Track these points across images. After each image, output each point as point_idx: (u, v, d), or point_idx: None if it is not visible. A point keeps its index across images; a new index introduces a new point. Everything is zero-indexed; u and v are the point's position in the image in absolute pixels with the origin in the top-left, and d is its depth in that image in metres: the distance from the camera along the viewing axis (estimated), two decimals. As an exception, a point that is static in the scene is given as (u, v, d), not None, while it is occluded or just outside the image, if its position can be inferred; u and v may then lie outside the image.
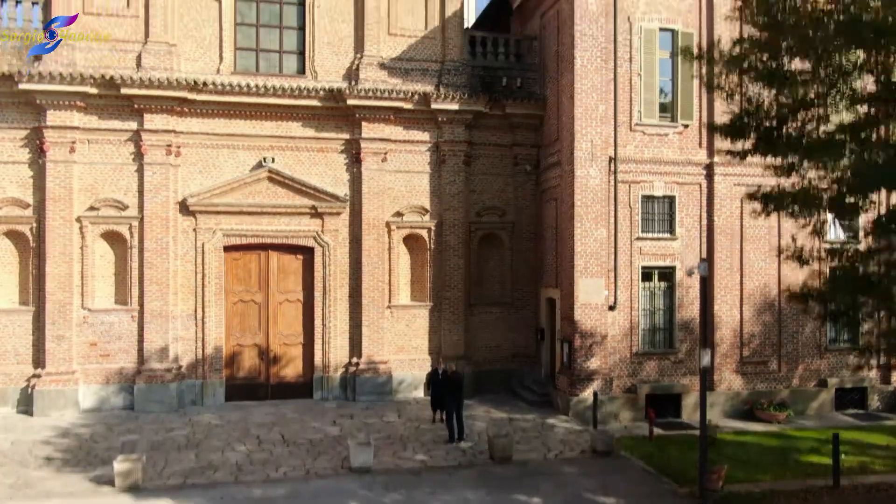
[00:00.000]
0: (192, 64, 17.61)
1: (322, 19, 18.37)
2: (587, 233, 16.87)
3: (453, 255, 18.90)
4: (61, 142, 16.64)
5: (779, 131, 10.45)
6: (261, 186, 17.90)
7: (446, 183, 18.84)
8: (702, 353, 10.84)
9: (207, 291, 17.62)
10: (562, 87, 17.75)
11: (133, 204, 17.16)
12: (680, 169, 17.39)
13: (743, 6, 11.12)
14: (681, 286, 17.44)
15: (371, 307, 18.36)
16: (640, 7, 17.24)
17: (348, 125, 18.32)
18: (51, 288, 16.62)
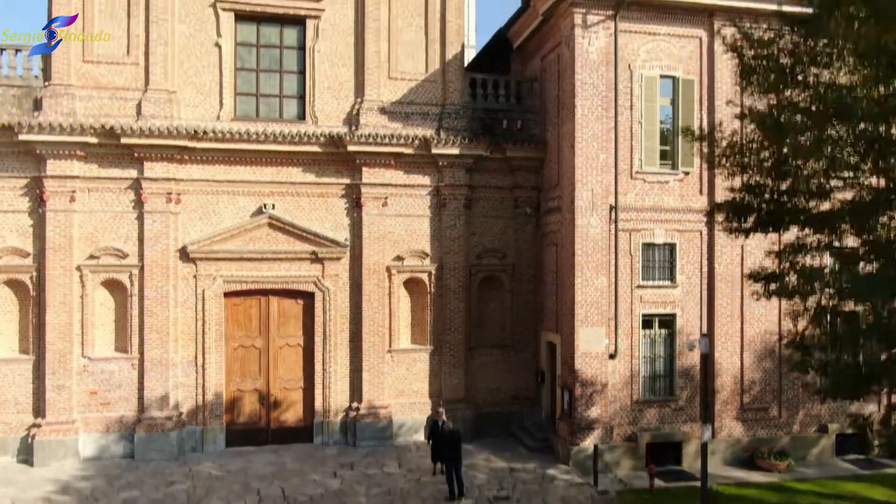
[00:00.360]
0: (193, 110, 17.60)
1: (322, 64, 18.36)
2: (588, 282, 16.86)
3: (454, 299, 18.89)
4: (61, 191, 16.63)
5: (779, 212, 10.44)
6: (261, 233, 17.89)
7: (447, 227, 18.83)
8: (703, 429, 10.83)
9: (208, 338, 17.61)
10: (562, 133, 17.73)
11: (133, 252, 17.15)
12: (681, 216, 17.38)
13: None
14: (681, 333, 17.42)
15: (371, 352, 18.36)
16: (641, 55, 17.22)
17: (349, 170, 18.31)
18: (51, 337, 16.61)
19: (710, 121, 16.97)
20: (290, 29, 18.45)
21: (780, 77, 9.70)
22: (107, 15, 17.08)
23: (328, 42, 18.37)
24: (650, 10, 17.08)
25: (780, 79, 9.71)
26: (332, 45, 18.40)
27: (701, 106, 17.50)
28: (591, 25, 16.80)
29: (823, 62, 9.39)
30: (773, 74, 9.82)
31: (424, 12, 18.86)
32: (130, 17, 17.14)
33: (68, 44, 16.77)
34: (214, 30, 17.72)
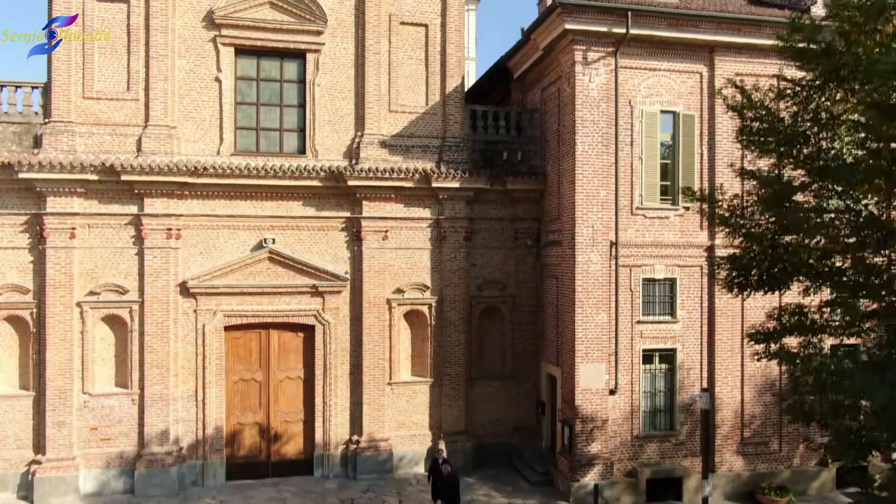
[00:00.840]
0: (193, 145, 17.59)
1: (323, 97, 18.35)
2: (588, 318, 16.87)
3: (454, 331, 18.89)
4: (61, 228, 16.61)
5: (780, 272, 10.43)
6: (261, 267, 17.88)
7: (447, 259, 18.83)
8: (703, 484, 10.83)
9: (208, 372, 17.60)
10: (563, 168, 17.74)
11: (133, 287, 17.13)
12: (681, 252, 17.38)
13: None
14: (682, 368, 17.44)
15: (372, 385, 18.36)
16: (642, 90, 17.23)
17: (349, 203, 18.31)
18: (51, 374, 16.59)
19: (710, 179, 17.05)
20: (290, 63, 18.44)
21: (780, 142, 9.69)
22: (107, 51, 17.05)
23: (328, 76, 18.37)
24: (650, 46, 17.09)
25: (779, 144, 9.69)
26: (333, 78, 18.40)
27: (701, 141, 17.50)
28: (592, 62, 16.80)
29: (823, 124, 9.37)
30: (772, 139, 9.81)
31: (425, 45, 18.86)
32: (130, 54, 17.12)
33: (68, 80, 16.76)
34: (214, 64, 17.70)
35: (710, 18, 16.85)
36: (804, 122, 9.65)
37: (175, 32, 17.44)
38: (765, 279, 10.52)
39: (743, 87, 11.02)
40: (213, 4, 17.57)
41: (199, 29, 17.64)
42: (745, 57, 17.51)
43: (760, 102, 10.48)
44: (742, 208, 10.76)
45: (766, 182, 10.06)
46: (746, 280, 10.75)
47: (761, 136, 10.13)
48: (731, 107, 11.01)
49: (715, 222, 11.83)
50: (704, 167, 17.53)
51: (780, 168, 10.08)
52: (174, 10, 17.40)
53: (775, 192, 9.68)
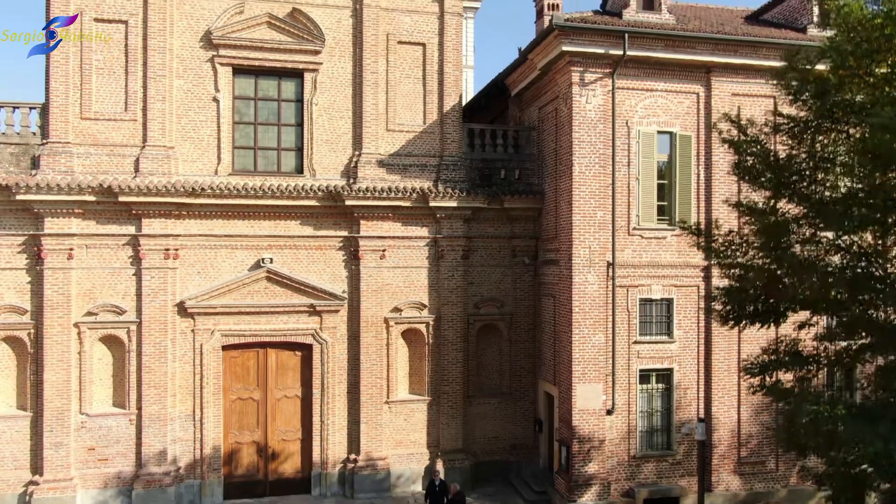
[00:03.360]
0: (190, 165, 17.61)
1: (321, 117, 18.38)
2: (585, 339, 16.90)
3: (452, 349, 18.92)
4: (59, 249, 16.61)
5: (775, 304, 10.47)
6: (259, 286, 17.90)
7: (444, 277, 18.85)
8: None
9: (206, 391, 17.61)
10: (560, 188, 17.78)
11: (131, 308, 17.14)
12: (678, 272, 17.42)
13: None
14: (678, 388, 17.48)
15: (369, 403, 18.38)
16: (639, 111, 17.27)
17: (346, 222, 18.33)
18: (49, 395, 16.60)
19: (707, 199, 17.16)
20: (288, 82, 18.47)
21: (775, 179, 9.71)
22: (105, 71, 17.07)
23: (326, 95, 18.40)
24: (647, 67, 17.14)
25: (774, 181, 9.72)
26: (331, 97, 18.43)
27: (698, 161, 17.55)
28: (589, 83, 16.84)
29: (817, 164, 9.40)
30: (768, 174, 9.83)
31: (422, 64, 18.89)
32: (128, 74, 17.14)
33: (66, 101, 16.78)
34: (212, 84, 17.73)
35: (707, 40, 16.90)
36: (799, 161, 9.68)
37: (173, 52, 17.47)
38: (760, 312, 10.56)
39: (739, 121, 11.05)
40: (211, 25, 17.60)
41: (196, 49, 17.67)
42: (742, 77, 17.57)
43: (756, 138, 10.51)
44: (737, 243, 10.79)
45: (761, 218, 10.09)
46: (741, 313, 10.79)
47: (756, 173, 10.16)
48: (727, 140, 11.05)
49: (711, 254, 11.79)
50: (701, 187, 17.57)
51: (775, 202, 10.11)
52: (172, 30, 17.43)
53: (770, 226, 9.71)
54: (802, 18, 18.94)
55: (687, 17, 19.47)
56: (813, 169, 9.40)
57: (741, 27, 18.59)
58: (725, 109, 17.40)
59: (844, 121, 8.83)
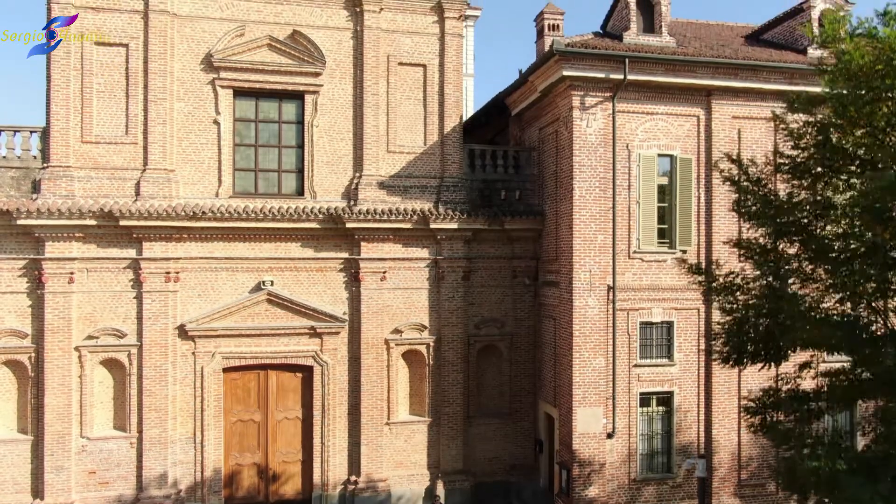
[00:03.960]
0: (191, 188, 17.62)
1: (321, 138, 18.39)
2: (586, 362, 16.91)
3: (452, 370, 18.93)
4: (60, 273, 16.62)
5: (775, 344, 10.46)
6: (259, 308, 17.91)
7: (445, 299, 18.86)
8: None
9: (206, 414, 17.62)
10: (560, 211, 17.78)
11: (132, 331, 17.15)
12: (678, 295, 17.42)
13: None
14: (679, 411, 17.50)
15: (370, 425, 18.39)
16: (639, 134, 17.28)
17: (347, 244, 18.34)
18: (49, 419, 16.61)
19: (707, 223, 17.19)
20: (288, 104, 18.48)
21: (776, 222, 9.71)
22: (105, 95, 17.08)
23: (327, 117, 18.41)
24: (648, 91, 17.15)
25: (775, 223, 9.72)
26: (331, 119, 18.44)
27: (699, 184, 17.56)
28: (590, 107, 16.86)
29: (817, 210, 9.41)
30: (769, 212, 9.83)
31: (423, 85, 18.91)
32: (129, 97, 17.16)
33: (67, 125, 16.79)
34: (213, 107, 17.74)
35: (708, 64, 16.91)
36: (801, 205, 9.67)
37: (173, 76, 17.48)
38: (760, 353, 10.55)
39: (740, 160, 11.06)
40: (212, 47, 17.61)
41: (197, 72, 17.68)
42: (742, 100, 17.58)
43: (757, 178, 10.51)
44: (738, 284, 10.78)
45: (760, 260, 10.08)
46: (741, 354, 10.80)
47: (756, 214, 10.16)
48: (727, 179, 11.06)
49: (711, 294, 11.80)
50: (702, 210, 17.58)
51: (775, 245, 10.11)
52: (172, 53, 17.44)
53: (770, 270, 9.71)
54: (802, 39, 18.94)
55: (687, 37, 19.49)
56: (815, 216, 9.40)
57: (741, 49, 18.61)
58: (726, 132, 17.56)
59: (845, 169, 8.84)
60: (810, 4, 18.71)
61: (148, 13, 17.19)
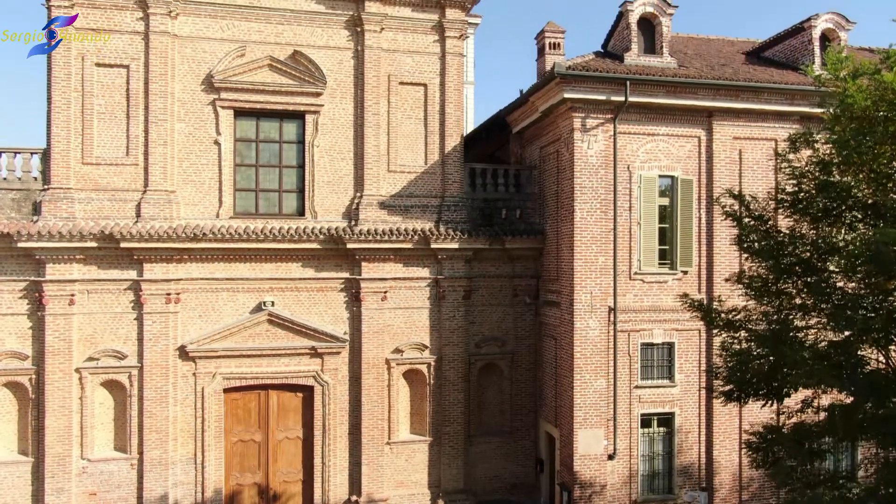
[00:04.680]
0: (192, 209, 17.60)
1: (322, 158, 18.38)
2: (587, 384, 16.91)
3: (453, 390, 18.92)
4: (60, 294, 16.60)
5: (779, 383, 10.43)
6: (260, 329, 17.89)
7: (446, 318, 18.85)
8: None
9: (207, 434, 17.60)
10: (561, 232, 17.78)
11: (132, 352, 17.13)
12: (679, 315, 17.33)
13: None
14: (680, 431, 17.50)
15: (371, 445, 18.38)
16: (640, 155, 17.28)
17: (348, 264, 18.33)
18: (50, 441, 16.59)
19: (708, 243, 17.23)
20: (289, 123, 18.47)
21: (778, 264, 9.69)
22: (106, 116, 17.07)
23: (328, 136, 18.40)
24: (649, 112, 17.15)
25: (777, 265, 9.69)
26: (332, 139, 18.43)
27: (700, 205, 17.56)
28: (591, 129, 16.85)
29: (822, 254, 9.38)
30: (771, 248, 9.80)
31: (424, 104, 18.90)
32: (130, 119, 17.14)
33: (68, 146, 16.78)
34: (213, 127, 17.73)
35: (708, 86, 16.90)
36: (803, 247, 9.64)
37: (174, 96, 17.47)
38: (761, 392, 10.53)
39: (742, 196, 11.04)
40: (213, 68, 17.59)
41: (198, 92, 17.66)
42: (744, 121, 17.58)
43: (760, 214, 10.49)
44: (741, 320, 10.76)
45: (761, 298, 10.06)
46: (743, 392, 10.78)
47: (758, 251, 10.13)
48: (729, 215, 11.04)
49: (712, 329, 11.77)
50: (703, 231, 17.58)
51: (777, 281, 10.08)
52: (173, 74, 17.42)
53: (772, 305, 9.68)
54: (804, 59, 18.93)
55: (688, 54, 19.51)
56: (817, 257, 9.38)
57: (742, 69, 18.61)
58: (727, 153, 17.56)
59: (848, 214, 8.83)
60: (811, 24, 18.71)
61: (149, 34, 17.17)
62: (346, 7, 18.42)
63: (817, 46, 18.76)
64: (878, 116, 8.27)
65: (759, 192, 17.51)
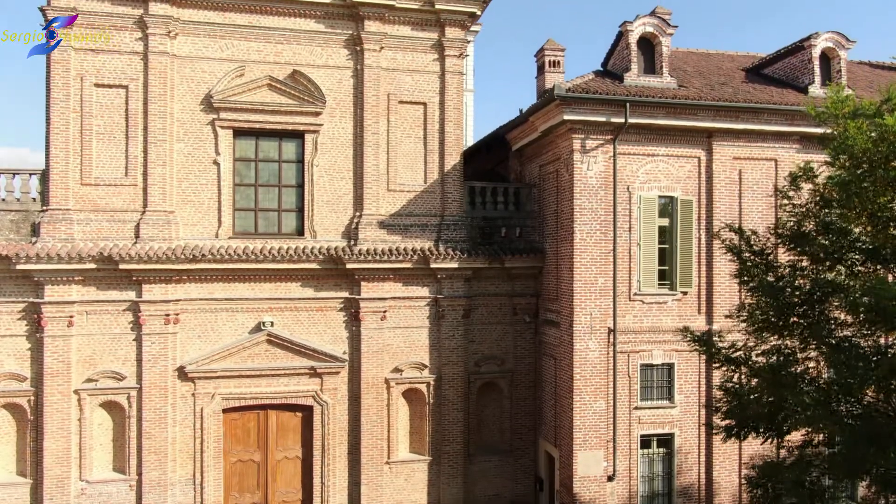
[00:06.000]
0: (191, 229, 17.57)
1: (321, 177, 18.35)
2: (586, 406, 16.89)
3: (452, 409, 18.89)
4: (59, 316, 16.56)
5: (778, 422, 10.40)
6: (259, 349, 17.86)
7: (445, 337, 18.82)
8: None
9: (206, 455, 17.57)
10: (561, 253, 17.75)
11: (131, 373, 17.10)
12: (679, 336, 17.34)
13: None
14: (679, 452, 17.48)
15: (370, 465, 18.35)
16: (640, 176, 17.26)
17: (347, 283, 18.30)
18: (48, 463, 16.55)
19: (708, 264, 17.26)
20: (288, 143, 18.44)
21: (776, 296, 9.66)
22: (105, 137, 17.04)
23: (327, 156, 18.38)
24: (649, 133, 17.13)
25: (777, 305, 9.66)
26: (331, 158, 18.41)
27: (699, 225, 17.53)
28: (590, 150, 16.83)
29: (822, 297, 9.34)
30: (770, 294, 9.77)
31: (423, 123, 18.88)
32: (129, 139, 17.11)
33: (66, 167, 16.75)
34: (212, 147, 17.70)
35: (708, 107, 16.88)
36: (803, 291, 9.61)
37: (173, 116, 17.44)
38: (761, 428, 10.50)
39: (742, 231, 11.01)
40: (212, 88, 17.56)
41: (197, 112, 17.64)
42: (744, 141, 17.57)
43: (761, 249, 10.46)
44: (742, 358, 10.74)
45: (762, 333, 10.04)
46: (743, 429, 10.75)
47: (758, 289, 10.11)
48: (730, 249, 11.02)
49: (712, 361, 11.75)
50: (702, 251, 17.56)
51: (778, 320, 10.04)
52: (172, 94, 17.40)
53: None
54: (804, 77, 18.93)
55: (688, 72, 19.50)
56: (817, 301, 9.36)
57: (742, 87, 18.59)
58: (727, 173, 17.55)
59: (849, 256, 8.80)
60: (811, 43, 18.70)
61: (147, 54, 17.15)
62: (345, 26, 18.39)
63: (817, 65, 18.74)
64: (878, 158, 8.24)
65: (759, 212, 17.63)
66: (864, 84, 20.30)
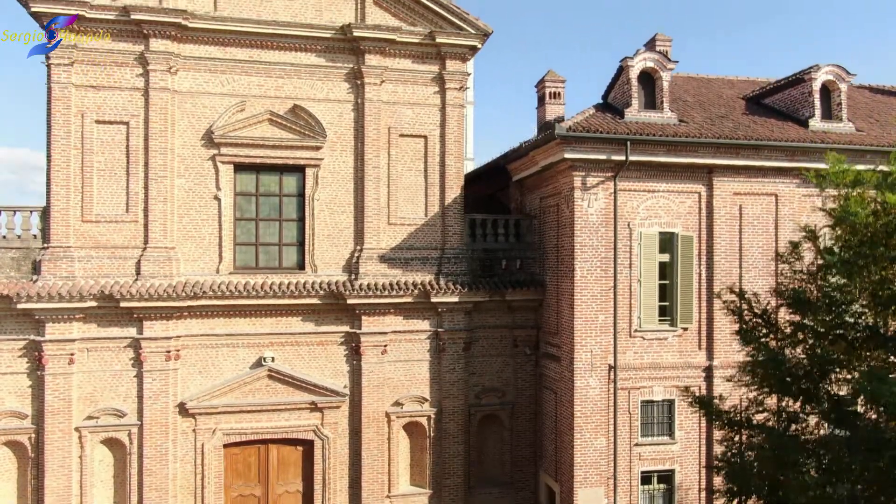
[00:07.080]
0: (192, 265, 17.57)
1: (322, 211, 18.35)
2: (587, 443, 16.89)
3: (453, 442, 18.89)
4: (60, 354, 16.56)
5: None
6: (260, 384, 17.85)
7: (446, 370, 18.82)
8: None
9: (207, 491, 17.56)
10: (561, 289, 17.75)
11: (132, 410, 17.09)
12: (679, 372, 17.40)
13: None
14: (680, 488, 17.47)
15: (371, 499, 18.34)
16: (640, 212, 17.26)
17: (348, 317, 18.30)
18: (49, 501, 16.52)
19: (708, 300, 17.16)
20: (289, 177, 18.45)
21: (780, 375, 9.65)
22: (106, 173, 17.04)
23: (328, 189, 18.38)
24: (649, 169, 17.13)
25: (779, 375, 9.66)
26: (332, 192, 18.41)
27: (700, 261, 17.53)
28: (591, 187, 16.84)
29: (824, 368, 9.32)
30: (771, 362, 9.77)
31: (424, 156, 18.89)
32: (129, 175, 17.12)
33: (67, 204, 16.75)
34: (213, 183, 17.70)
35: (709, 144, 16.88)
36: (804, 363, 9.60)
37: (174, 152, 17.44)
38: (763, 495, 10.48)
39: (743, 293, 11.01)
40: (213, 123, 17.57)
41: (198, 148, 17.64)
42: (744, 177, 17.57)
43: (762, 311, 10.47)
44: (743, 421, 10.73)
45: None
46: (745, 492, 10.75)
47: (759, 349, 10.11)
48: (731, 311, 11.02)
49: (713, 420, 11.75)
50: (703, 287, 17.55)
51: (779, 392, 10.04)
52: (173, 130, 17.41)
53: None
54: (804, 110, 18.93)
55: (688, 103, 19.51)
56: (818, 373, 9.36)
57: (742, 120, 18.59)
58: (727, 209, 17.55)
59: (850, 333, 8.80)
60: (812, 76, 18.70)
61: (148, 90, 17.16)
62: (346, 60, 18.40)
63: (817, 98, 18.75)
64: (879, 232, 8.24)
65: (759, 247, 17.63)
66: (863, 114, 20.33)
